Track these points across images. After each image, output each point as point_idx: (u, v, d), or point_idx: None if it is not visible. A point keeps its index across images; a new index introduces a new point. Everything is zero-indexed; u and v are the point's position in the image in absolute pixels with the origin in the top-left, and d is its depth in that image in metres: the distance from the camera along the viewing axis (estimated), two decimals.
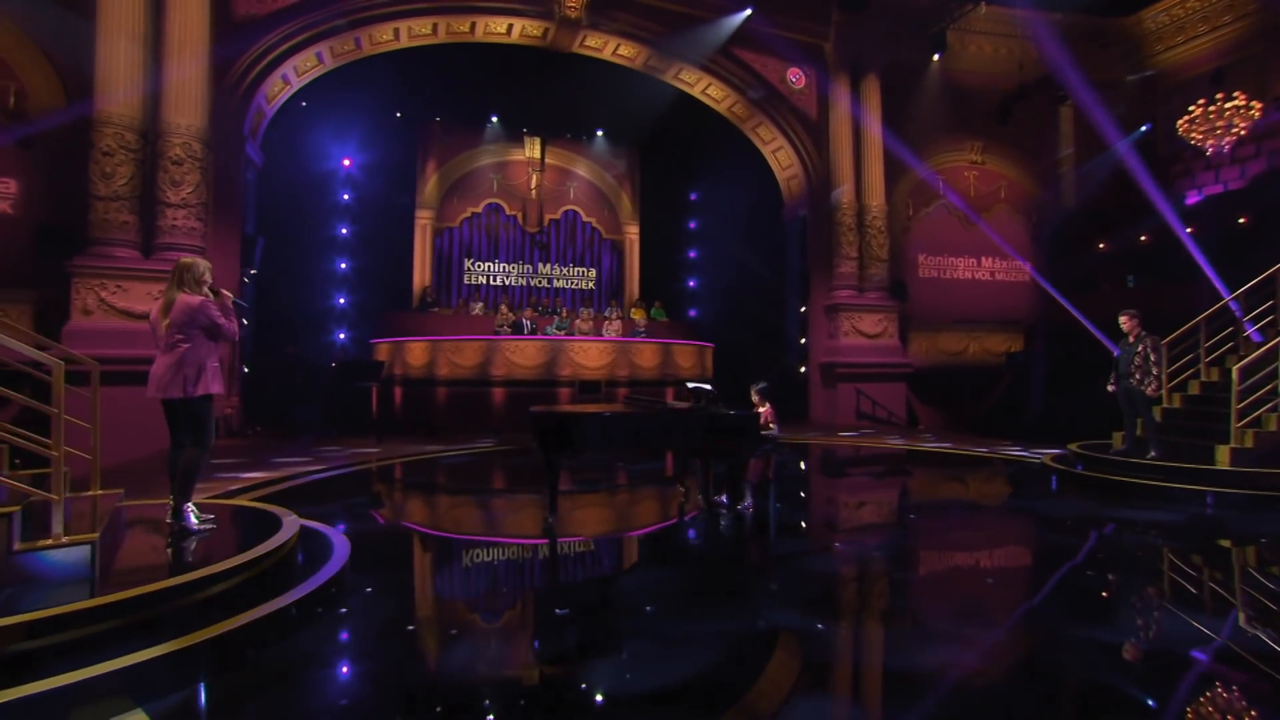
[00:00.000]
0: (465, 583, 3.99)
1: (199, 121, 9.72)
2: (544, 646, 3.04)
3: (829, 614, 3.37)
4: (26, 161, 9.41)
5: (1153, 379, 6.44)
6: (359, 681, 2.69)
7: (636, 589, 3.82)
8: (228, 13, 10.20)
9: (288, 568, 3.58)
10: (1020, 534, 5.27)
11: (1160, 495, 5.91)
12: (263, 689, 2.58)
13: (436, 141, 14.81)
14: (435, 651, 2.93)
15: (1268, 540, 4.82)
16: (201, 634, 2.70)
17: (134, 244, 9.35)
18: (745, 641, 2.99)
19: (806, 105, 14.06)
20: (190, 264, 3.93)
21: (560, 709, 2.42)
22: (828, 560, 4.29)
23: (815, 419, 13.82)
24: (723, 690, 2.57)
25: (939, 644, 3.01)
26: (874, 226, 13.91)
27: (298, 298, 12.93)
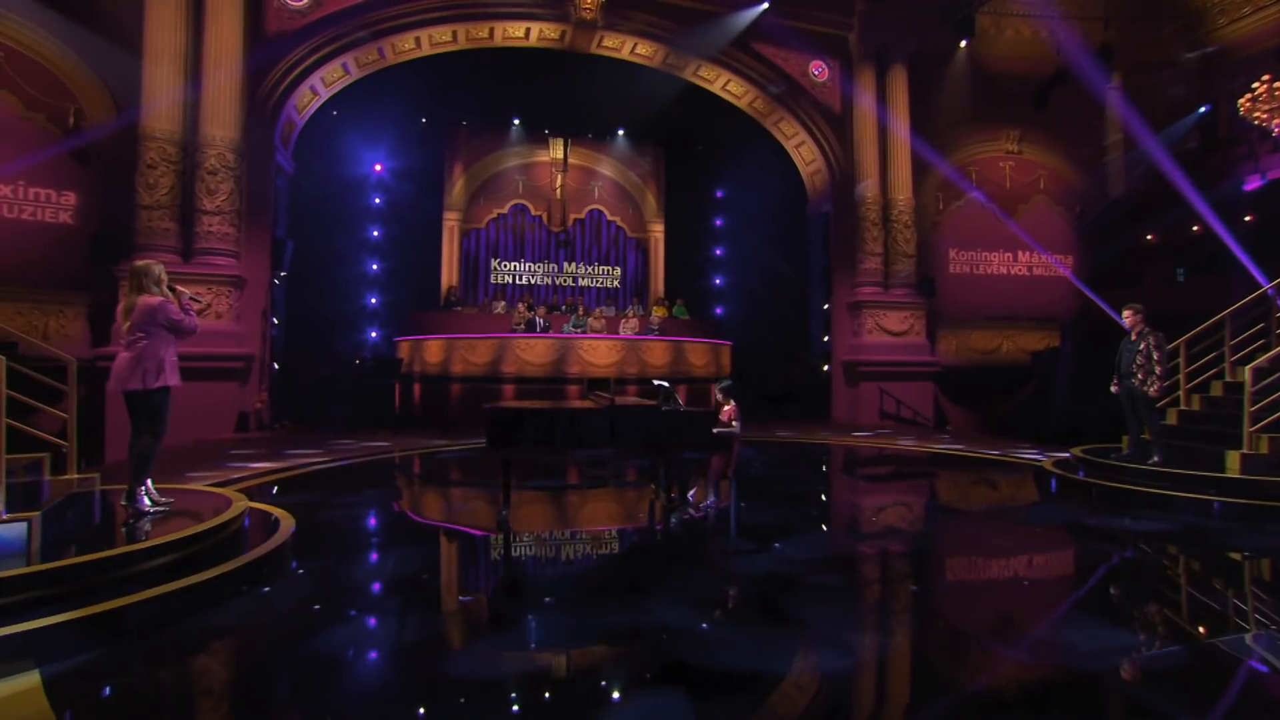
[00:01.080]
0: (392, 567, 4.17)
1: (233, 133, 10.34)
2: (424, 630, 3.17)
3: (716, 614, 3.35)
4: (84, 176, 10.22)
5: (1155, 378, 6.05)
6: (244, 656, 2.89)
7: (548, 581, 3.92)
8: (259, 29, 10.80)
9: (226, 546, 3.83)
10: (976, 541, 5.05)
11: (1157, 504, 5.57)
12: (156, 656, 2.81)
13: (463, 145, 15.25)
14: (324, 630, 3.10)
15: (1251, 555, 4.49)
16: (113, 603, 2.95)
17: (175, 249, 10.04)
18: (614, 636, 3.05)
19: (829, 98, 13.78)
20: (145, 268, 4.24)
21: (395, 689, 2.54)
22: (755, 561, 4.25)
23: (837, 419, 13.54)
24: (566, 679, 2.63)
25: (808, 649, 2.97)
26: (900, 221, 13.52)
27: (332, 298, 13.58)
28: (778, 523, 5.21)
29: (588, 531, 5.50)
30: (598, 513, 6.19)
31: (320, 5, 11.14)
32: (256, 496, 5.38)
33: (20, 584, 2.86)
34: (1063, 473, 6.55)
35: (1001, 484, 7.27)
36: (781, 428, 11.80)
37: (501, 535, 4.85)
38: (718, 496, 5.77)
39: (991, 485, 7.22)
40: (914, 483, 7.68)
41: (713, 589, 3.74)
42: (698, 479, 5.97)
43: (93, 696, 2.47)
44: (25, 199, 9.91)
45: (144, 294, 4.17)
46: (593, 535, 5.38)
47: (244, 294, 10.52)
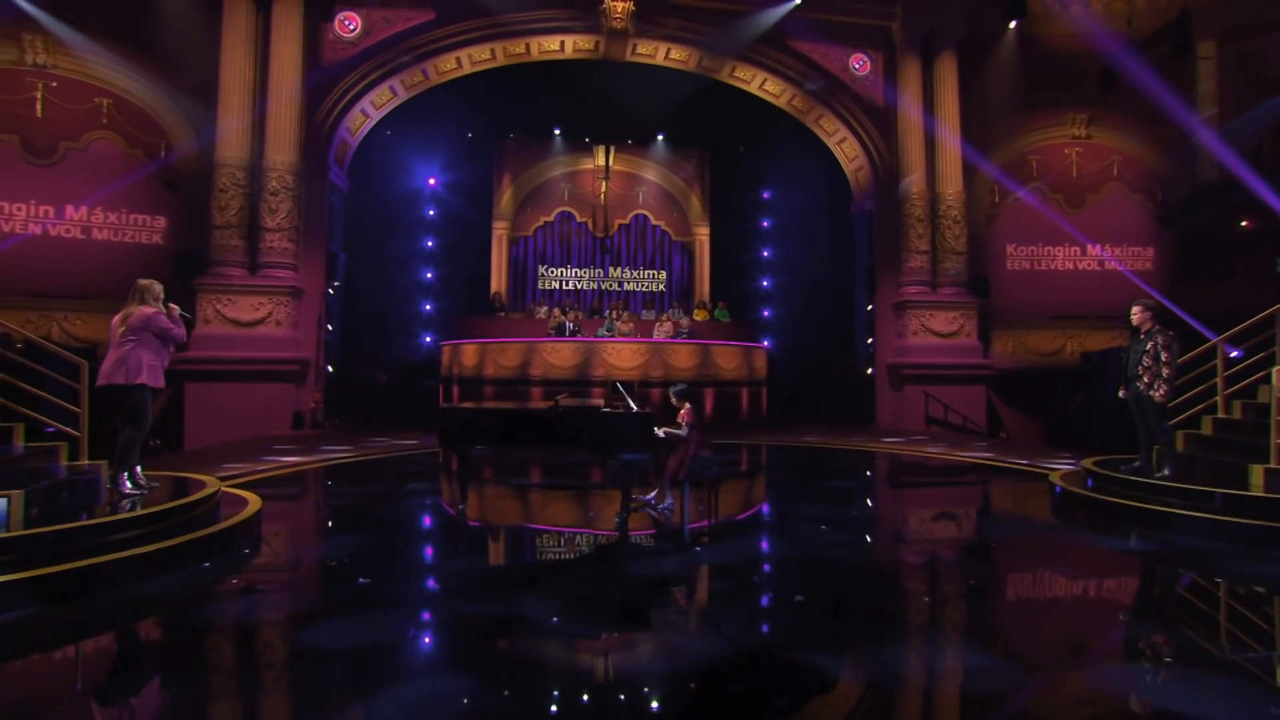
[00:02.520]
0: (323, 552, 4.56)
1: (291, 157, 11.37)
2: (302, 605, 3.49)
3: (576, 611, 3.44)
4: (172, 201, 11.56)
5: (1162, 382, 5.50)
6: (144, 618, 3.31)
7: (452, 570, 4.16)
8: (316, 61, 11.79)
9: (194, 526, 4.33)
10: (914, 555, 4.79)
11: (1156, 521, 5.07)
12: (90, 614, 3.28)
13: (511, 156, 15.90)
14: (225, 601, 3.48)
15: (1231, 582, 4.03)
16: (54, 568, 3.45)
17: (242, 263, 11.16)
18: (461, 622, 3.24)
19: (871, 92, 13.33)
20: (148, 285, 4.85)
21: (244, 654, 2.85)
22: (655, 564, 4.29)
23: (881, 424, 13.04)
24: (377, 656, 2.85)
25: (627, 646, 3.02)
26: (949, 216, 12.86)
27: (388, 305, 14.55)
28: (739, 524, 5.20)
29: (523, 525, 5.69)
30: (547, 510, 6.33)
31: (369, 34, 12.03)
32: (274, 486, 6.01)
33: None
34: (1065, 485, 6.07)
35: (998, 496, 6.84)
36: (813, 432, 11.52)
37: (443, 527, 5.16)
38: (656, 499, 5.79)
39: (987, 497, 6.83)
40: (892, 491, 7.35)
41: (591, 587, 3.84)
42: (642, 481, 6.01)
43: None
44: (126, 224, 11.35)
45: (143, 306, 4.77)
46: (518, 529, 5.52)
47: (301, 303, 11.52)
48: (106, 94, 11.12)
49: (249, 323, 11.02)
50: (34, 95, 10.85)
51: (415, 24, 12.11)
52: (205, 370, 10.69)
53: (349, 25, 11.95)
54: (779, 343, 15.87)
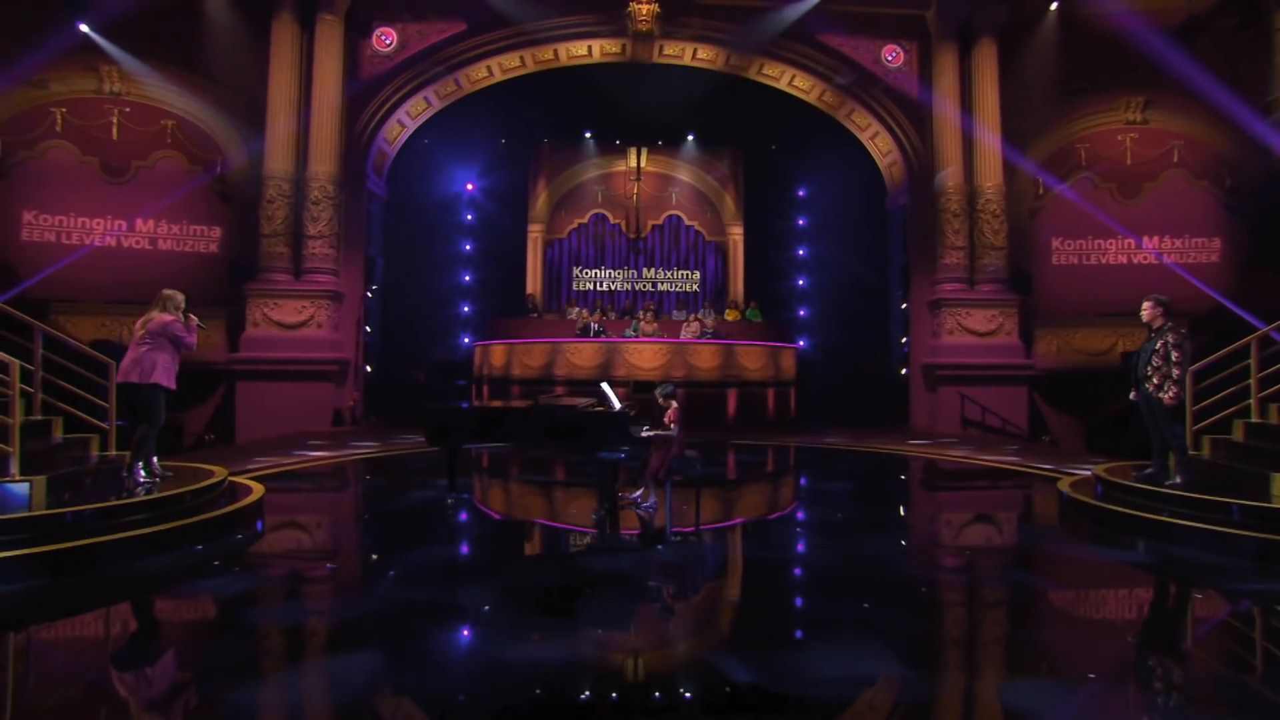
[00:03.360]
0: (310, 539, 4.87)
1: (332, 168, 12.02)
2: (268, 586, 3.77)
3: (509, 600, 3.58)
4: (226, 213, 12.43)
5: (1172, 383, 5.17)
6: (134, 593, 3.67)
7: (420, 558, 4.39)
8: (355, 76, 12.43)
9: (192, 511, 4.72)
10: (890, 565, 4.64)
11: (1161, 534, 4.78)
12: (88, 586, 3.67)
13: (545, 160, 16.25)
14: (203, 579, 3.82)
15: (1228, 610, 3.79)
16: (61, 545, 3.86)
17: (287, 269, 11.88)
18: (413, 606, 3.44)
19: (905, 84, 12.95)
20: (171, 295, 5.32)
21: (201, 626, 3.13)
22: (623, 559, 4.38)
23: (916, 426, 12.66)
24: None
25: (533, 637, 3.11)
26: (987, 210, 12.36)
27: (427, 307, 15.15)
28: (680, 528, 5.24)
29: (501, 519, 5.87)
30: (531, 505, 6.48)
31: (404, 48, 12.58)
32: (289, 479, 6.45)
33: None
34: (1072, 493, 5.77)
35: (1003, 503, 6.58)
36: (840, 434, 11.32)
37: (425, 520, 5.42)
38: (642, 497, 5.86)
39: (990, 504, 6.57)
40: (890, 495, 7.16)
41: (537, 579, 3.96)
42: (632, 480, 6.10)
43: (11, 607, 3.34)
44: (187, 235, 12.29)
45: (163, 313, 5.23)
46: (496, 522, 5.71)
47: (341, 306, 12.17)
48: (171, 116, 12.06)
49: (293, 325, 11.72)
50: (111, 120, 11.89)
51: (447, 35, 12.57)
52: (253, 370, 11.45)
53: (385, 40, 12.53)
54: (814, 342, 15.62)
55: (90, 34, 11.10)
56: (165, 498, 4.64)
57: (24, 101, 11.63)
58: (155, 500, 4.59)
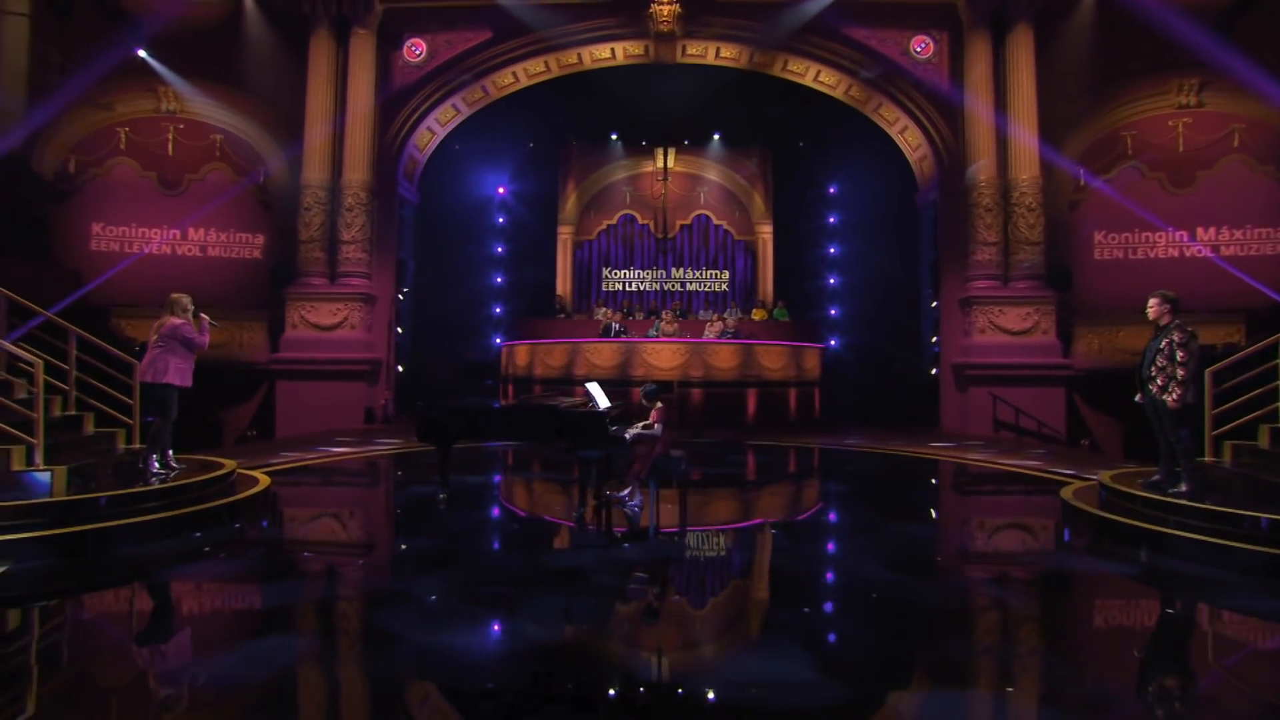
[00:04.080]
0: (298, 529, 5.15)
1: (365, 175, 12.57)
2: (254, 569, 4.04)
3: (467, 592, 3.71)
4: (268, 220, 13.14)
5: (1176, 385, 4.87)
6: (128, 574, 4.00)
7: (391, 550, 4.59)
8: (387, 85, 12.92)
9: (198, 499, 5.09)
10: (853, 572, 4.51)
11: (1156, 544, 4.53)
12: (91, 565, 4.02)
13: (575, 163, 16.48)
14: (191, 563, 4.10)
15: (1170, 608, 3.58)
16: (72, 528, 4.24)
17: (323, 273, 12.48)
18: (364, 594, 3.62)
19: (935, 76, 12.56)
20: (177, 299, 5.71)
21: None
22: (585, 555, 4.48)
23: (946, 428, 12.28)
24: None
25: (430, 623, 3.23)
26: (1022, 204, 11.87)
27: (460, 308, 15.57)
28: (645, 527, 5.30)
29: (482, 514, 6.04)
30: (513, 501, 6.65)
31: (433, 57, 13.02)
32: (303, 474, 6.84)
33: (13, 512, 4.28)
34: (1073, 501, 5.50)
35: (1004, 509, 6.33)
36: (862, 435, 11.11)
37: (412, 514, 5.65)
38: (629, 496, 5.92)
39: (989, 510, 6.33)
40: (887, 498, 6.95)
41: (493, 573, 4.10)
42: (614, 478, 6.17)
43: (21, 583, 3.71)
44: (233, 242, 13.06)
45: (172, 317, 5.64)
46: (475, 517, 5.88)
47: (373, 308, 12.70)
48: (219, 130, 12.84)
49: (328, 326, 12.31)
50: (167, 137, 12.76)
51: (474, 44, 12.93)
52: (292, 370, 12.09)
53: (416, 51, 12.99)
54: (845, 342, 15.33)
55: (147, 58, 11.93)
56: (172, 488, 5.03)
57: (93, 124, 12.62)
58: (162, 490, 4.98)
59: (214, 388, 12.00)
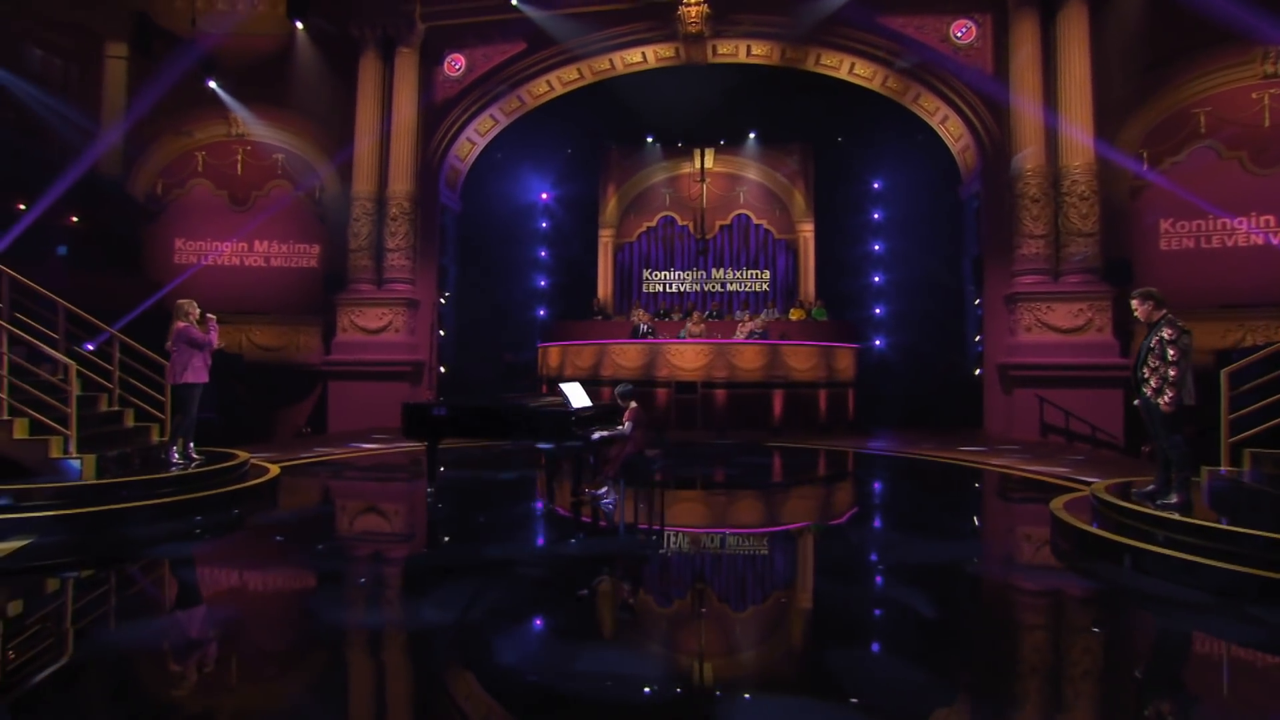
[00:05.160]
0: (288, 517, 5.57)
1: (408, 186, 13.28)
2: (233, 553, 4.44)
3: (402, 580, 3.94)
4: (322, 231, 14.12)
5: (1169, 386, 4.46)
6: (125, 552, 4.50)
7: (353, 540, 4.89)
8: (429, 100, 13.59)
9: (206, 486, 5.62)
10: (781, 579, 4.42)
11: (1141, 563, 4.14)
12: (102, 541, 4.56)
13: (614, 166, 16.71)
14: (184, 543, 4.56)
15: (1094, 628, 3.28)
16: (93, 509, 4.82)
17: (371, 280, 13.29)
18: (300, 577, 3.92)
19: (978, 61, 11.93)
20: (181, 304, 6.30)
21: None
22: (528, 549, 4.61)
23: (990, 432, 11.63)
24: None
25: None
26: (1074, 193, 11.09)
27: (503, 310, 16.13)
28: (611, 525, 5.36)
29: (462, 509, 6.23)
30: (495, 496, 6.83)
31: (471, 71, 13.58)
32: (323, 467, 7.38)
33: (46, 493, 4.90)
34: (1061, 513, 5.11)
35: (992, 519, 5.94)
36: (891, 439, 10.73)
37: (397, 507, 5.97)
38: (606, 493, 6.02)
39: (975, 520, 5.97)
40: (876, 503, 6.71)
41: (431, 561, 4.31)
42: (587, 474, 6.28)
43: (34, 555, 4.27)
44: (292, 253, 14.12)
45: (177, 321, 6.24)
46: (453, 511, 6.08)
47: (416, 312, 13.38)
48: (280, 150, 13.92)
49: (375, 330, 13.08)
50: (236, 158, 13.98)
51: (509, 56, 13.39)
52: (342, 371, 12.93)
53: (455, 65, 13.60)
54: (890, 341, 14.78)
55: (216, 89, 13.13)
56: (187, 476, 5.62)
57: (176, 150, 14.00)
58: (178, 477, 5.58)
59: (274, 387, 13.11)
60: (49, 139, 12.77)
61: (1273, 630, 3.26)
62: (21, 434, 5.51)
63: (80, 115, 13.03)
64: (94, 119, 13.36)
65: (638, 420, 5.95)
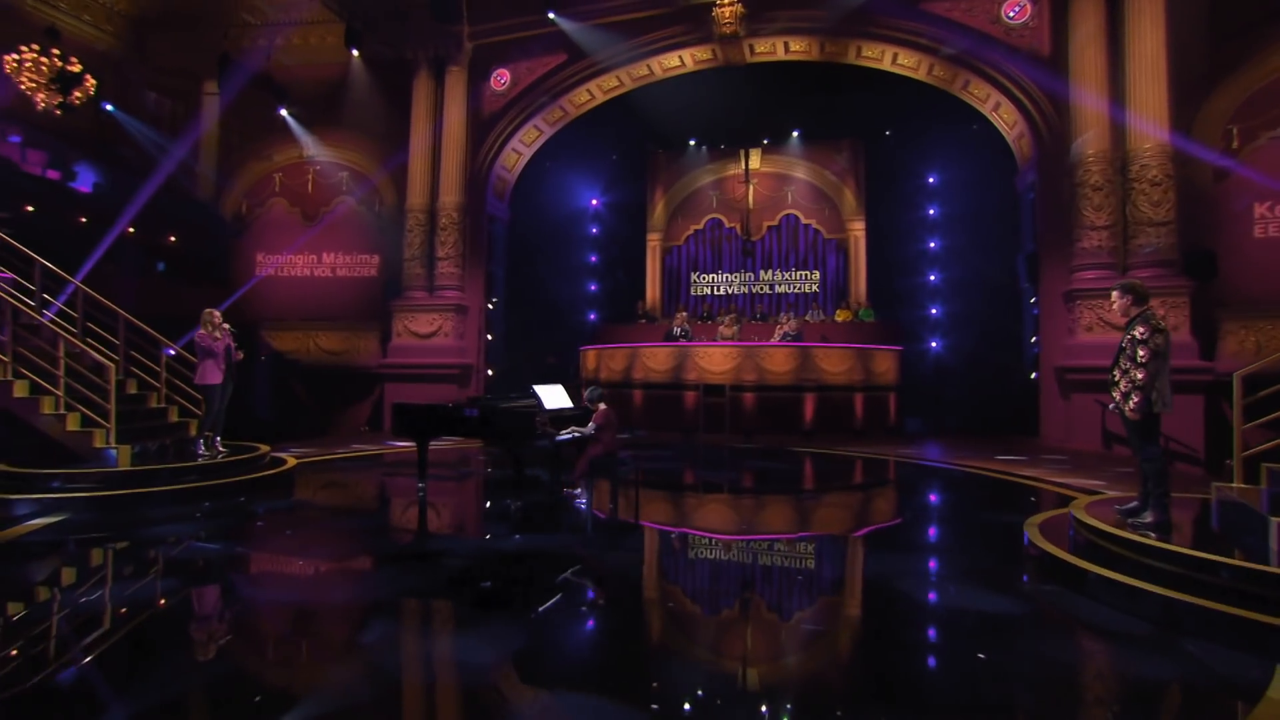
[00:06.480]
0: (287, 507, 6.04)
1: (458, 198, 13.97)
2: (227, 535, 4.92)
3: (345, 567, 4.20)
4: (381, 242, 15.07)
5: (1137, 390, 3.98)
6: (132, 531, 5.07)
7: (330, 529, 5.23)
8: (477, 114, 14.24)
9: (223, 476, 6.22)
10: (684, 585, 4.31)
11: (1092, 590, 3.75)
12: (119, 520, 5.18)
13: (662, 171, 16.79)
14: (182, 525, 5.10)
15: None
16: (118, 492, 5.48)
17: (423, 287, 14.06)
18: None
19: (1034, 41, 11.11)
20: (203, 314, 6.91)
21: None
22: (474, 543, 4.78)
23: (1047, 440, 10.76)
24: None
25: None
26: (1144, 178, 10.09)
27: (552, 314, 16.59)
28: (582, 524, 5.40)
29: (442, 502, 6.50)
30: (481, 491, 7.03)
31: (516, 84, 14.10)
32: (349, 462, 7.97)
33: (88, 477, 5.62)
34: (1033, 535, 4.66)
35: (971, 537, 5.47)
36: (930, 445, 10.16)
37: (385, 501, 6.34)
38: (578, 493, 6.11)
39: (954, 538, 5.51)
40: (866, 514, 6.30)
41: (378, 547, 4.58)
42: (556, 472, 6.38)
43: (70, 529, 4.91)
44: (355, 263, 15.17)
45: (200, 330, 6.90)
46: (431, 504, 6.37)
47: (465, 317, 14.03)
48: (345, 168, 15.03)
49: (426, 335, 13.83)
50: (308, 177, 15.23)
51: (551, 67, 13.80)
52: (397, 374, 13.76)
53: (501, 80, 14.16)
54: (945, 343, 13.96)
55: (286, 117, 14.39)
56: (209, 465, 6.32)
57: (258, 173, 15.44)
58: (202, 466, 6.28)
59: (337, 388, 14.16)
60: (158, 171, 14.45)
61: (1190, 670, 2.86)
62: (74, 426, 6.33)
63: (182, 149, 14.68)
64: (193, 151, 15.00)
65: (605, 423, 6.01)
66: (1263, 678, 2.67)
